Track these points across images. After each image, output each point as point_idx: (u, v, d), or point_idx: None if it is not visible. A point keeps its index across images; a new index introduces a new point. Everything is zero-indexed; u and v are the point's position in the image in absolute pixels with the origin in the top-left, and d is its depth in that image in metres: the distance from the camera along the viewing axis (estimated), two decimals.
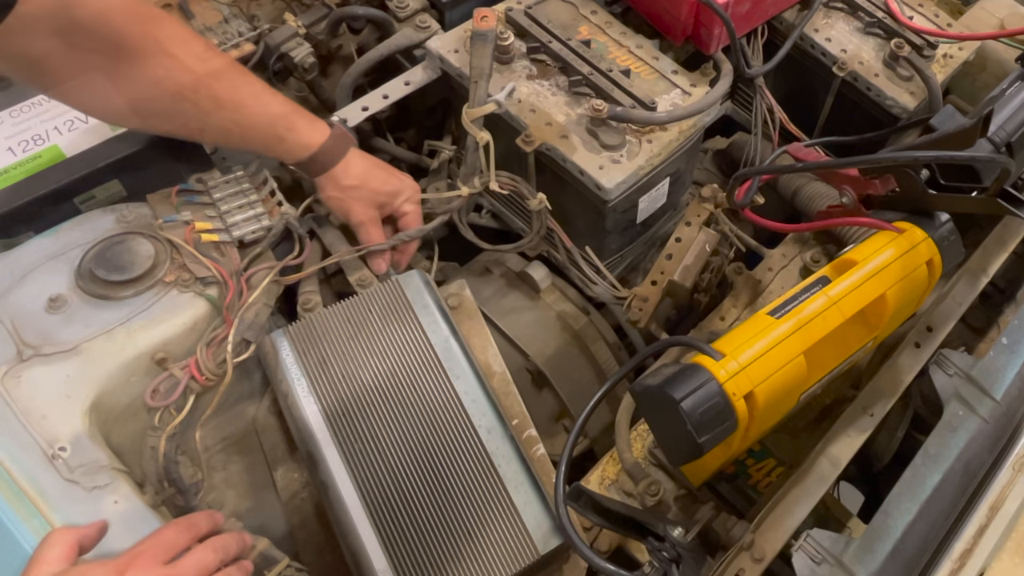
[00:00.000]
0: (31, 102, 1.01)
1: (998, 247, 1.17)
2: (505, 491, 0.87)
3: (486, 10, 1.07)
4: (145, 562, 0.68)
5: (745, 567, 0.88)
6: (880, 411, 1.01)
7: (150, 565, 0.68)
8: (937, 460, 0.88)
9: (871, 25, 1.32)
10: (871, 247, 0.89)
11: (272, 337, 0.94)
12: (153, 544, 0.70)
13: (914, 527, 0.83)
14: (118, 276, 0.91)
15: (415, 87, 1.18)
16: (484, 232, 1.21)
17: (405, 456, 0.88)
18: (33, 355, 0.85)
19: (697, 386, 0.74)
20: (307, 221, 1.07)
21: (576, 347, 1.19)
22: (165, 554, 0.70)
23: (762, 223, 1.06)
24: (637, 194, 1.10)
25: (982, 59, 1.43)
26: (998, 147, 0.91)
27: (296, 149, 0.98)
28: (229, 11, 1.26)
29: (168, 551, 0.71)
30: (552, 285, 1.21)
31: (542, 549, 0.85)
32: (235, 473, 0.96)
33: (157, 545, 0.70)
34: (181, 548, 0.72)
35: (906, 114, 1.27)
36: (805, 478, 0.95)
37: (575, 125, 1.07)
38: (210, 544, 0.74)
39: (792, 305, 0.83)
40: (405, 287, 0.97)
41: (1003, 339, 0.97)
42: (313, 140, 0.98)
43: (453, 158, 1.24)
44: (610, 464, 0.99)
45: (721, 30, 1.18)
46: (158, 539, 0.71)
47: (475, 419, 0.90)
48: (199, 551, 0.72)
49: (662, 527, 0.78)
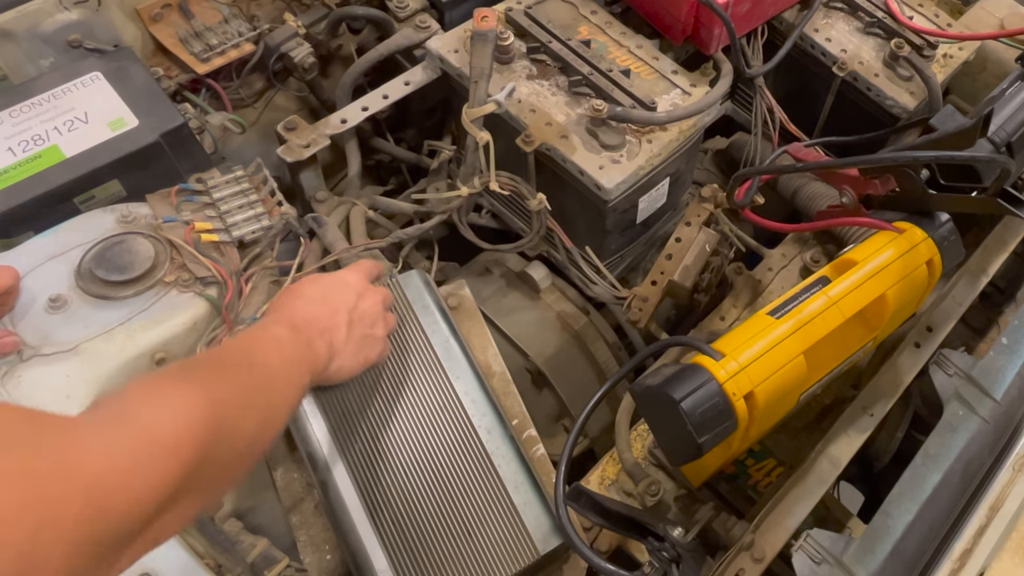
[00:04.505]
0: (31, 102, 1.01)
1: (998, 247, 1.17)
2: (505, 491, 0.87)
3: (486, 10, 1.07)
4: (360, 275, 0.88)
5: (745, 567, 0.88)
6: (880, 411, 1.01)
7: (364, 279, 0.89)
8: (937, 460, 0.88)
9: (871, 25, 1.32)
10: (871, 247, 0.89)
11: None
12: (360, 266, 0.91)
13: (914, 527, 0.83)
14: (118, 276, 0.91)
15: (415, 87, 1.18)
16: (484, 232, 1.21)
17: (405, 456, 0.88)
18: (33, 355, 0.85)
19: (697, 386, 0.74)
20: (307, 221, 1.07)
21: (576, 347, 1.19)
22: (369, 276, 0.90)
23: (762, 223, 1.06)
24: (637, 194, 1.10)
25: (982, 59, 1.43)
26: (998, 147, 0.91)
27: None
28: (229, 11, 1.26)
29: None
30: (552, 285, 1.21)
31: (542, 549, 0.85)
32: None
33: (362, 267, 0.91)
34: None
35: (906, 114, 1.27)
36: (805, 478, 0.95)
37: (575, 125, 1.07)
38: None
39: (792, 305, 0.83)
40: (405, 287, 0.97)
41: (1003, 339, 0.97)
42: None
43: (453, 158, 1.24)
44: (610, 464, 0.99)
45: (721, 30, 1.18)
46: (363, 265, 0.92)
47: (475, 419, 0.90)
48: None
49: (662, 527, 0.78)
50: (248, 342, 0.73)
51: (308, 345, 0.77)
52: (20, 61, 1.12)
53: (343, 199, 1.16)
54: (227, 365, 0.68)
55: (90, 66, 1.05)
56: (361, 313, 0.84)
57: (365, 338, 0.85)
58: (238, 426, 0.61)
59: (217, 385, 0.62)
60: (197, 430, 0.55)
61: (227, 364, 0.68)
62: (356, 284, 0.86)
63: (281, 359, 0.72)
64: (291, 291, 0.85)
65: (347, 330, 0.82)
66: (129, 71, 1.05)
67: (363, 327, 0.85)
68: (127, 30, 1.20)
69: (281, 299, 0.85)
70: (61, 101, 1.01)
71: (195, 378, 0.61)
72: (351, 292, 0.85)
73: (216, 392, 0.60)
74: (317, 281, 0.85)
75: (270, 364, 0.70)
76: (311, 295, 0.83)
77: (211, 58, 1.21)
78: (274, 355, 0.72)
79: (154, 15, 1.22)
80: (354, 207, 1.13)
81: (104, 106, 1.02)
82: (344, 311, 0.83)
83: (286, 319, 0.78)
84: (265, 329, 0.75)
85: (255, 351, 0.71)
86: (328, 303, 0.82)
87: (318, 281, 0.85)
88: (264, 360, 0.70)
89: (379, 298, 0.88)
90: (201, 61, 1.20)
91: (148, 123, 1.01)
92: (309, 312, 0.80)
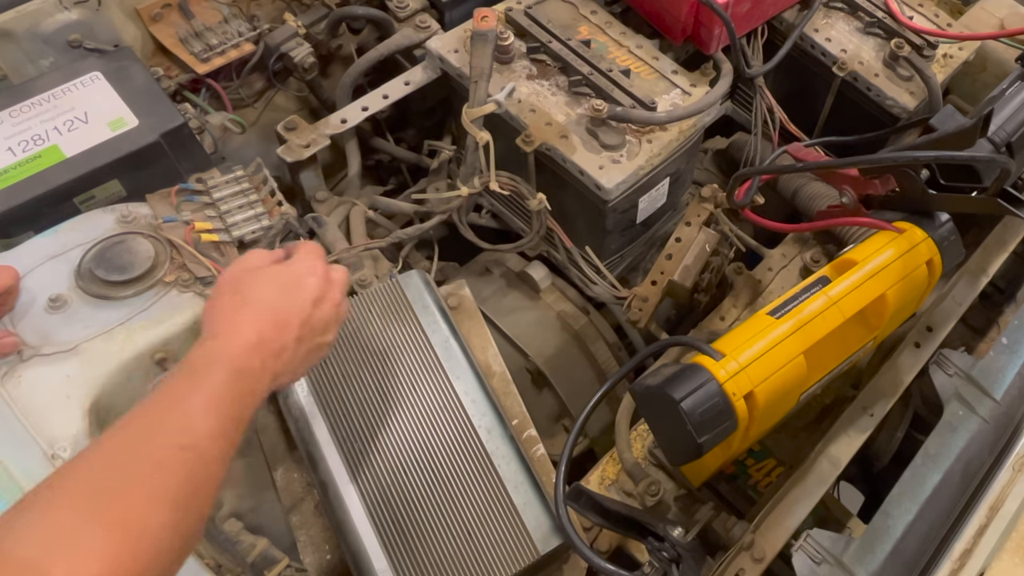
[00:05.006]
0: (31, 102, 1.01)
1: (998, 247, 1.17)
2: (505, 491, 0.87)
3: (486, 10, 1.07)
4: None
5: (745, 567, 0.88)
6: (880, 411, 1.01)
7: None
8: (937, 460, 0.88)
9: (871, 25, 1.32)
10: (871, 247, 0.89)
11: None
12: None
13: (914, 527, 0.83)
14: (118, 276, 0.91)
15: (415, 87, 1.18)
16: (484, 232, 1.21)
17: (405, 456, 0.88)
18: (33, 355, 0.85)
19: (697, 386, 0.74)
20: (307, 221, 1.07)
21: (576, 347, 1.19)
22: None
23: (762, 223, 1.06)
24: (637, 194, 1.10)
25: (982, 59, 1.43)
26: (998, 147, 0.91)
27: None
28: (229, 11, 1.26)
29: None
30: (552, 285, 1.21)
31: (542, 549, 0.85)
32: (235, 473, 0.95)
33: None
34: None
35: (906, 114, 1.27)
36: (805, 478, 0.95)
37: (575, 125, 1.07)
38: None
39: (792, 305, 0.83)
40: (405, 287, 0.97)
41: (1003, 339, 0.97)
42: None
43: (453, 158, 1.24)
44: (610, 464, 0.99)
45: (721, 30, 1.18)
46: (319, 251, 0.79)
47: (475, 419, 0.90)
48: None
49: (662, 527, 0.78)
50: (181, 411, 0.61)
51: (251, 387, 0.66)
52: (20, 61, 1.12)
53: (343, 199, 1.16)
54: (151, 468, 0.56)
55: (90, 66, 1.05)
56: (313, 325, 0.73)
57: (313, 349, 0.74)
58: (166, 545, 0.53)
59: (140, 508, 0.53)
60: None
61: (151, 466, 0.56)
62: (314, 288, 0.74)
63: (220, 428, 0.61)
64: (235, 290, 0.71)
65: (295, 346, 0.71)
66: (129, 71, 1.05)
67: (314, 337, 0.74)
68: (127, 30, 1.20)
69: (222, 303, 0.71)
70: (61, 101, 1.01)
71: (110, 503, 0.52)
72: (307, 299, 0.73)
73: (138, 518, 0.52)
74: (270, 281, 0.72)
75: (205, 447, 0.59)
76: (261, 301, 0.70)
77: (211, 58, 1.21)
78: (212, 424, 0.60)
79: (154, 15, 1.22)
80: (354, 207, 1.13)
81: (104, 106, 1.02)
82: (296, 325, 0.71)
83: (228, 357, 0.65)
84: (204, 383, 0.63)
85: (189, 427, 0.59)
86: (283, 316, 0.70)
87: (271, 282, 0.73)
88: (198, 438, 0.59)
89: (336, 298, 0.77)
90: (201, 61, 1.20)
91: (148, 123, 1.01)
92: (258, 333, 0.68)
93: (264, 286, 0.72)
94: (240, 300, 0.70)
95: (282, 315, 0.71)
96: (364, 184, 1.25)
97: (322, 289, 0.75)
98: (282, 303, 0.71)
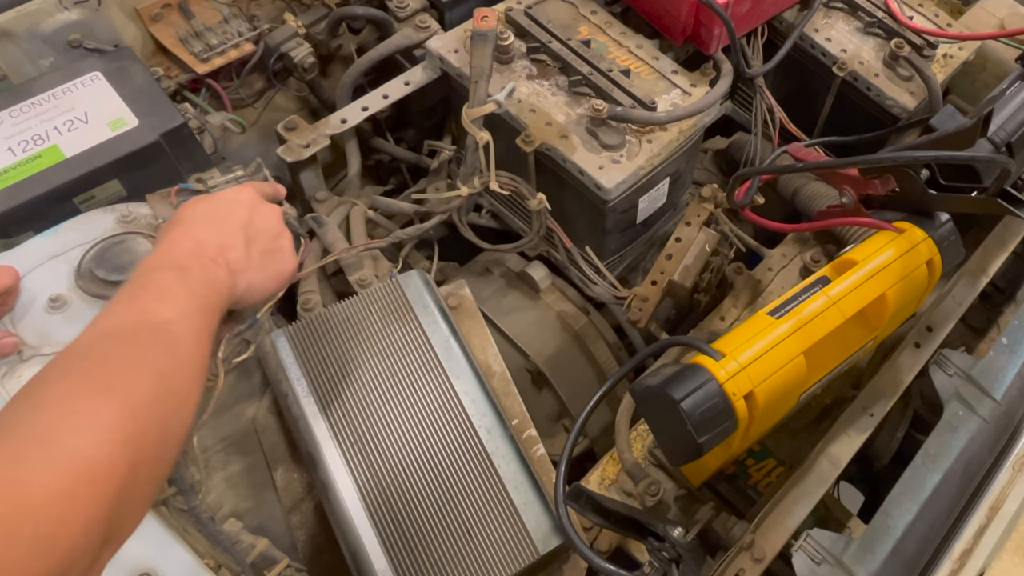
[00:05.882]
0: (31, 102, 1.01)
1: (998, 247, 1.17)
2: (505, 491, 0.87)
3: (486, 10, 1.07)
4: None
5: (745, 567, 0.88)
6: (880, 411, 1.01)
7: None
8: (937, 460, 0.88)
9: (871, 25, 1.32)
10: (871, 247, 0.89)
11: (272, 337, 0.94)
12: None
13: (914, 527, 0.83)
14: (118, 276, 0.90)
15: (415, 87, 1.18)
16: (484, 232, 1.21)
17: (405, 456, 0.88)
18: (33, 355, 0.85)
19: (697, 386, 0.74)
20: (307, 221, 1.07)
21: (576, 347, 1.19)
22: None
23: (762, 223, 1.06)
24: (637, 194, 1.10)
25: (982, 59, 1.43)
26: (998, 147, 0.91)
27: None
28: (229, 11, 1.26)
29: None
30: (552, 285, 1.21)
31: (542, 549, 0.85)
32: (235, 473, 0.96)
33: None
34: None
35: (906, 114, 1.27)
36: (805, 478, 0.95)
37: (575, 125, 1.07)
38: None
39: (792, 305, 0.83)
40: (405, 287, 0.97)
41: (1003, 339, 0.97)
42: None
43: (453, 158, 1.24)
44: (610, 464, 0.99)
45: (721, 30, 1.18)
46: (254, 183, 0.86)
47: (475, 419, 0.90)
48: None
49: (662, 527, 0.78)
50: (136, 307, 0.63)
51: (201, 278, 0.69)
52: (20, 61, 1.12)
53: (343, 199, 1.16)
54: (128, 351, 0.59)
55: (90, 66, 1.05)
56: (257, 228, 0.77)
57: (269, 252, 0.77)
58: (162, 421, 0.57)
59: (132, 386, 0.56)
60: (125, 442, 0.51)
61: (128, 349, 0.59)
62: (246, 200, 0.78)
63: (178, 313, 0.63)
64: (171, 220, 0.76)
65: (246, 246, 0.74)
66: (129, 71, 1.05)
67: (264, 241, 0.77)
68: (127, 30, 1.20)
69: (162, 230, 0.76)
70: (61, 101, 1.02)
71: (107, 385, 0.55)
72: (241, 208, 0.77)
73: (134, 395, 0.55)
74: (201, 201, 0.77)
75: (170, 328, 0.62)
76: (193, 217, 0.74)
77: (211, 58, 1.21)
78: (169, 311, 0.63)
79: (154, 15, 1.22)
80: (354, 207, 1.13)
81: (104, 106, 1.02)
82: (237, 227, 0.75)
83: (165, 260, 0.69)
84: (150, 282, 0.66)
85: (149, 317, 0.62)
86: (216, 223, 0.74)
87: (202, 201, 0.78)
88: (160, 324, 0.62)
89: (275, 212, 0.81)
90: (201, 61, 1.20)
91: (148, 123, 1.01)
92: (194, 239, 0.71)
93: (192, 207, 0.76)
94: (173, 223, 0.75)
95: (215, 221, 0.75)
96: (364, 184, 1.25)
97: (255, 200, 0.79)
98: (213, 214, 0.76)
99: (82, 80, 1.03)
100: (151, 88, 1.05)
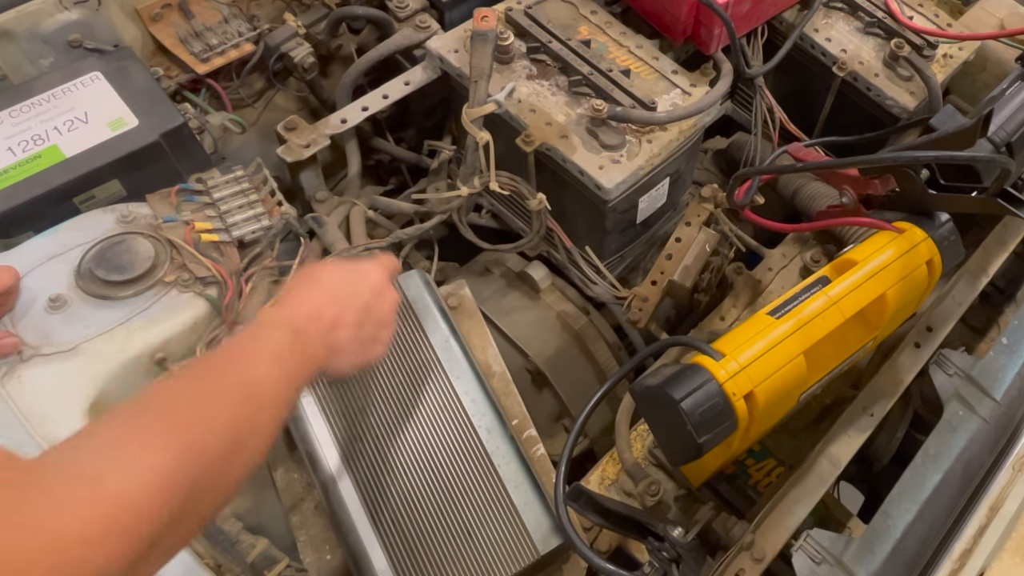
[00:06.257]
0: (31, 102, 1.01)
1: (998, 247, 1.17)
2: (505, 491, 0.87)
3: (486, 10, 1.07)
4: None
5: (745, 567, 0.88)
6: (880, 411, 1.01)
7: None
8: (937, 460, 0.88)
9: (871, 25, 1.32)
10: (871, 247, 0.89)
11: None
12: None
13: (914, 527, 0.83)
14: (118, 276, 0.91)
15: (415, 87, 1.18)
16: (484, 232, 1.21)
17: (405, 456, 0.88)
18: (33, 355, 0.85)
19: (697, 386, 0.74)
20: (307, 221, 1.07)
21: (576, 347, 1.19)
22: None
23: (762, 223, 1.06)
24: (637, 194, 1.10)
25: (982, 59, 1.43)
26: (998, 147, 0.91)
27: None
28: (229, 11, 1.26)
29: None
30: (552, 285, 1.21)
31: (542, 549, 0.85)
32: None
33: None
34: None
35: (906, 114, 1.27)
36: (805, 478, 0.95)
37: (575, 125, 1.07)
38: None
39: (792, 305, 0.83)
40: (405, 287, 0.97)
41: (1003, 339, 0.97)
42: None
43: (453, 158, 1.24)
44: (610, 464, 0.99)
45: (721, 30, 1.18)
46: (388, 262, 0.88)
47: (475, 419, 0.90)
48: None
49: (662, 527, 0.78)
50: (246, 356, 0.66)
51: (308, 349, 0.71)
52: (20, 61, 1.12)
53: (343, 199, 1.16)
54: (215, 398, 0.59)
55: (90, 66, 1.05)
56: (372, 316, 0.80)
57: (371, 340, 0.80)
58: (220, 473, 0.55)
59: (199, 432, 0.55)
60: (173, 492, 0.50)
61: (215, 397, 0.60)
62: (377, 282, 0.82)
63: (279, 376, 0.65)
64: (308, 275, 0.80)
65: (354, 331, 0.77)
66: (129, 71, 1.05)
67: (371, 329, 0.80)
68: (127, 30, 1.20)
69: (296, 282, 0.80)
70: (61, 101, 1.02)
71: (173, 424, 0.54)
72: (369, 289, 0.80)
73: (198, 441, 0.54)
74: (339, 269, 0.81)
75: (265, 389, 0.63)
76: (327, 283, 0.78)
77: (211, 58, 1.21)
78: (272, 371, 0.65)
79: (154, 15, 1.22)
80: (354, 207, 1.13)
81: (104, 106, 1.02)
82: (357, 309, 0.78)
83: (290, 319, 0.72)
84: (266, 337, 0.69)
85: (252, 369, 0.64)
86: (342, 298, 0.78)
87: (340, 270, 0.81)
88: (259, 380, 0.63)
89: (394, 302, 0.84)
90: (201, 61, 1.20)
91: (148, 123, 1.01)
92: (319, 306, 0.75)
93: (331, 271, 0.80)
94: (308, 280, 0.79)
95: (342, 295, 0.78)
96: (364, 184, 1.25)
97: (382, 283, 0.83)
98: (344, 287, 0.79)
99: (82, 80, 1.03)
100: (151, 88, 1.05)
